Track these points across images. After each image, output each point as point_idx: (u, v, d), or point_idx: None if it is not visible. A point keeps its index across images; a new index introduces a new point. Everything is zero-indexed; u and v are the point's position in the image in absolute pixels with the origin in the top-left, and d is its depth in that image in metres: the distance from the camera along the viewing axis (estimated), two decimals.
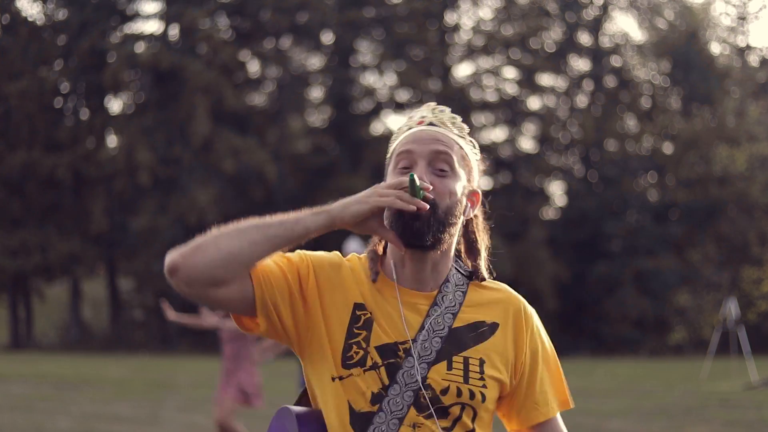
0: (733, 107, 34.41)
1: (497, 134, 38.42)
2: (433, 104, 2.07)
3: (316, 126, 39.49)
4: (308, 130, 39.37)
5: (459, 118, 2.06)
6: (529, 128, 38.75)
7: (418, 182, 1.87)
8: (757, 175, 32.88)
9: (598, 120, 35.93)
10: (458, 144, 2.01)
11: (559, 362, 2.10)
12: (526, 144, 38.88)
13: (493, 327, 2.00)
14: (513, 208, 35.54)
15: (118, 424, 11.99)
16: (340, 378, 1.94)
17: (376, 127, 38.35)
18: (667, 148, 36.04)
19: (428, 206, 1.89)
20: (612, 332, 32.51)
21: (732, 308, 19.62)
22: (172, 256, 1.87)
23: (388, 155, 2.08)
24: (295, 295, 1.97)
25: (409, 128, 2.04)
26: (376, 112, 38.14)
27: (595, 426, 11.47)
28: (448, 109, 2.06)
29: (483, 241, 2.11)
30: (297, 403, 2.09)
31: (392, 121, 39.24)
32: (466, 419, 1.95)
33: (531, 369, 2.03)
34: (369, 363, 1.93)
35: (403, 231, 1.91)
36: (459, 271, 2.05)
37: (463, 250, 2.10)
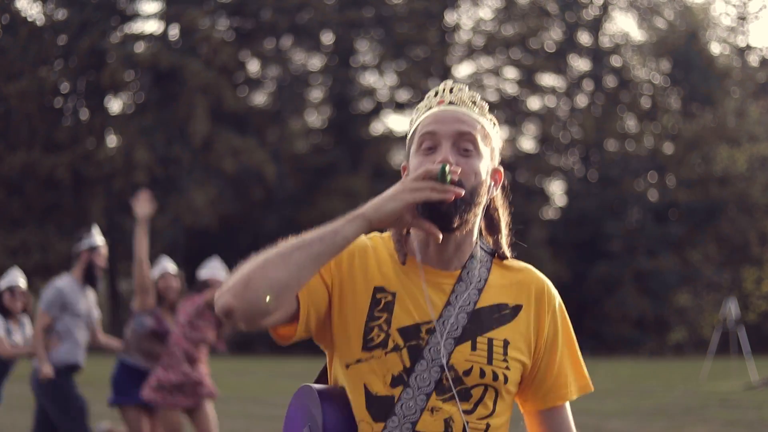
0: (734, 107, 34.41)
1: None
2: (450, 82, 2.07)
3: (316, 126, 39.51)
4: (308, 130, 39.38)
5: (479, 96, 2.06)
6: (529, 128, 38.78)
7: (448, 169, 1.86)
8: (757, 175, 32.89)
9: (598, 120, 35.94)
10: (480, 123, 2.02)
11: (578, 346, 2.09)
12: (526, 144, 38.87)
13: (516, 309, 2.00)
14: (513, 208, 35.59)
15: (118, 424, 11.97)
16: (358, 361, 1.92)
17: (376, 127, 38.37)
18: (668, 148, 36.05)
19: (463, 191, 1.88)
20: (612, 332, 32.52)
21: (732, 308, 19.62)
22: (224, 300, 1.81)
23: (409, 134, 2.05)
24: (329, 293, 1.96)
25: (430, 108, 2.02)
26: (376, 112, 38.15)
27: (595, 426, 11.47)
28: (466, 87, 2.06)
29: (504, 217, 2.11)
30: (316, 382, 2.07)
31: (392, 121, 39.30)
32: (488, 401, 1.94)
33: (551, 351, 2.02)
34: (391, 345, 1.91)
35: (431, 216, 1.89)
36: (482, 248, 2.04)
37: (483, 227, 2.09)
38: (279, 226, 34.95)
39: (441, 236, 1.91)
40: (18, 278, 7.38)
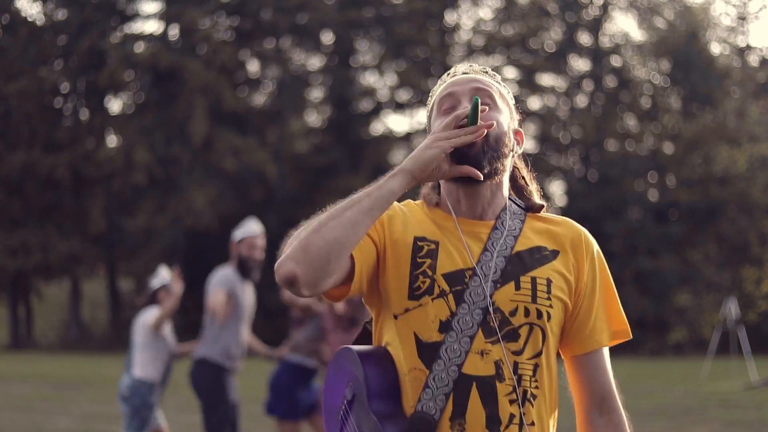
0: (734, 107, 34.39)
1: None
2: (461, 65, 2.16)
3: (315, 126, 39.50)
4: (308, 130, 39.38)
5: (490, 69, 2.15)
6: (529, 128, 38.76)
7: (479, 102, 1.95)
8: (757, 175, 32.87)
9: (598, 120, 35.92)
10: (495, 85, 2.11)
11: (616, 293, 2.12)
12: (526, 144, 38.39)
13: (555, 253, 2.06)
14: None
15: (118, 424, 11.97)
16: (407, 310, 1.96)
17: (376, 127, 38.37)
18: (668, 148, 36.03)
19: (493, 122, 1.96)
20: None
21: (732, 308, 19.61)
22: (286, 268, 1.85)
23: (428, 109, 2.14)
24: (377, 249, 2.01)
25: (444, 82, 2.12)
26: (376, 112, 38.14)
27: None
28: (476, 65, 2.15)
29: (530, 180, 2.18)
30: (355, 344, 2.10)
31: (392, 121, 39.29)
32: (536, 340, 1.97)
33: (590, 295, 2.06)
34: (437, 291, 1.95)
35: (460, 161, 1.96)
36: (514, 203, 2.11)
37: (511, 190, 2.16)
38: (279, 226, 34.92)
39: (481, 175, 1.97)
40: (168, 276, 7.37)
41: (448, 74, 2.13)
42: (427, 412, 1.90)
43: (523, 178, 2.18)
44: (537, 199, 2.13)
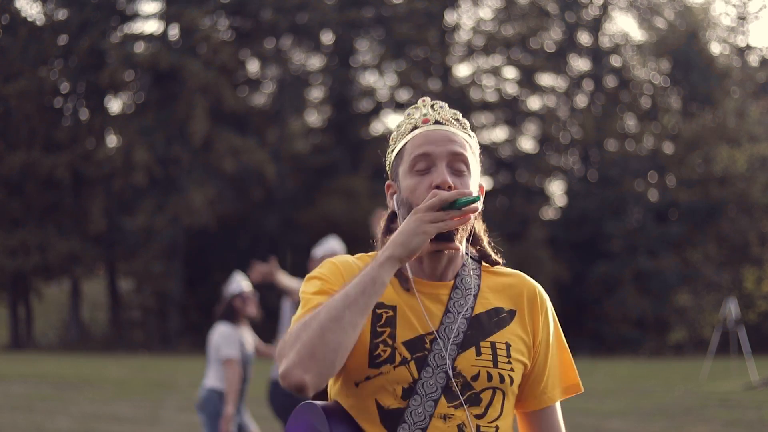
0: (734, 107, 34.38)
1: (497, 134, 38.43)
2: (428, 99, 2.09)
3: (316, 126, 39.50)
4: (308, 130, 39.38)
5: (459, 114, 2.09)
6: (529, 128, 38.76)
7: (467, 199, 1.91)
8: (757, 175, 32.87)
9: (598, 120, 35.92)
10: (468, 142, 2.05)
11: (568, 348, 2.13)
12: (526, 144, 38.86)
13: (512, 313, 2.04)
14: (513, 208, 35.58)
15: (118, 424, 11.98)
16: (367, 378, 1.95)
17: (376, 127, 38.36)
18: (668, 148, 36.03)
19: (479, 207, 1.94)
20: (612, 332, 32.51)
21: (732, 308, 19.61)
22: (296, 378, 1.82)
23: (393, 153, 2.11)
24: None
25: (415, 127, 2.06)
26: (376, 112, 38.15)
27: (595, 426, 11.47)
28: (446, 105, 2.09)
29: (482, 227, 2.15)
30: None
31: (392, 121, 39.25)
32: (497, 404, 1.99)
33: (545, 352, 2.07)
34: (398, 359, 1.95)
35: (435, 236, 1.93)
36: (470, 257, 2.09)
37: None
38: (279, 226, 34.97)
39: (461, 249, 1.98)
40: (243, 283, 7.09)
41: (416, 108, 2.08)
42: None
43: (477, 228, 2.14)
44: (492, 251, 2.11)
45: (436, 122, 2.05)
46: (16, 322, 34.32)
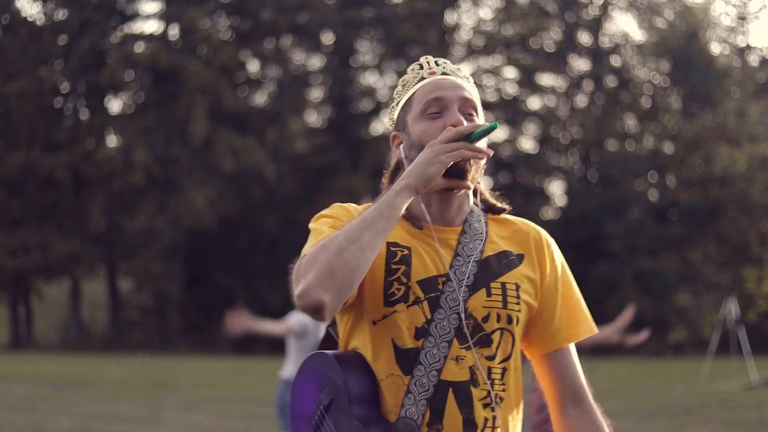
0: (734, 107, 34.38)
1: (497, 134, 38.32)
2: (430, 57, 2.15)
3: (315, 126, 39.50)
4: (308, 130, 39.37)
5: (461, 67, 2.16)
6: (529, 128, 38.75)
7: (481, 129, 1.96)
8: (757, 175, 32.87)
9: (598, 120, 35.91)
10: (474, 92, 2.13)
11: (578, 290, 2.16)
12: (526, 144, 38.87)
13: (520, 257, 2.10)
14: (513, 208, 35.53)
15: (118, 424, 11.98)
16: (384, 317, 1.98)
17: (376, 127, 38.36)
18: (668, 148, 36.02)
19: (491, 152, 2.00)
20: None
21: (732, 308, 19.62)
22: (314, 296, 1.84)
23: (399, 104, 2.13)
24: None
25: (422, 78, 2.11)
26: (376, 112, 38.15)
27: None
28: (448, 60, 2.15)
29: (481, 180, 2.20)
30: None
31: None
32: (506, 345, 2.03)
33: (553, 294, 2.11)
34: (412, 298, 1.98)
35: (449, 173, 1.99)
36: (476, 205, 2.14)
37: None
38: (279, 226, 34.95)
39: (471, 187, 2.04)
40: None
41: (420, 67, 2.12)
42: (411, 417, 1.94)
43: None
44: (495, 200, 2.17)
45: (444, 73, 2.11)
46: (16, 322, 34.33)
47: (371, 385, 1.97)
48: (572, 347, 2.14)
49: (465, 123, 2.01)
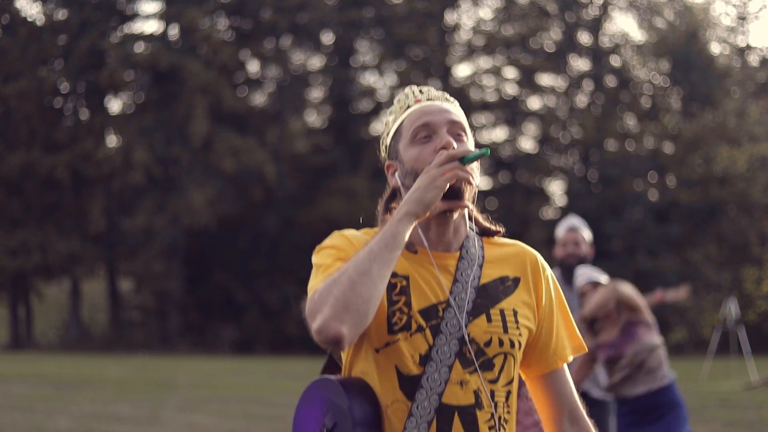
0: (734, 107, 34.38)
1: (497, 134, 38.42)
2: (414, 87, 2.19)
3: (315, 126, 39.50)
4: (308, 130, 39.37)
5: (446, 94, 2.19)
6: (529, 128, 38.75)
7: (475, 154, 2.01)
8: (757, 175, 32.87)
9: (598, 120, 35.91)
10: (460, 115, 2.16)
11: (569, 311, 2.23)
12: (526, 144, 38.87)
13: (516, 281, 2.14)
14: (513, 208, 35.56)
15: (118, 424, 11.98)
16: (387, 345, 2.02)
17: (376, 127, 38.33)
18: (668, 148, 36.02)
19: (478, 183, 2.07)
20: None
21: (732, 308, 19.61)
22: (334, 330, 1.89)
23: (389, 134, 2.17)
24: None
25: (408, 107, 2.16)
26: (376, 112, 38.15)
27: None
28: (431, 88, 2.19)
29: (476, 209, 2.23)
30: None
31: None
32: (508, 368, 2.09)
33: (549, 317, 2.17)
34: (414, 327, 2.03)
35: (445, 194, 2.02)
36: (471, 229, 2.18)
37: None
38: (279, 226, 34.96)
39: (469, 206, 2.08)
40: (596, 274, 6.28)
41: (406, 96, 2.17)
42: None
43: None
44: (490, 225, 2.20)
45: (429, 99, 2.15)
46: (16, 322, 34.33)
47: (375, 410, 2.01)
48: (566, 367, 2.20)
49: (455, 144, 2.05)
